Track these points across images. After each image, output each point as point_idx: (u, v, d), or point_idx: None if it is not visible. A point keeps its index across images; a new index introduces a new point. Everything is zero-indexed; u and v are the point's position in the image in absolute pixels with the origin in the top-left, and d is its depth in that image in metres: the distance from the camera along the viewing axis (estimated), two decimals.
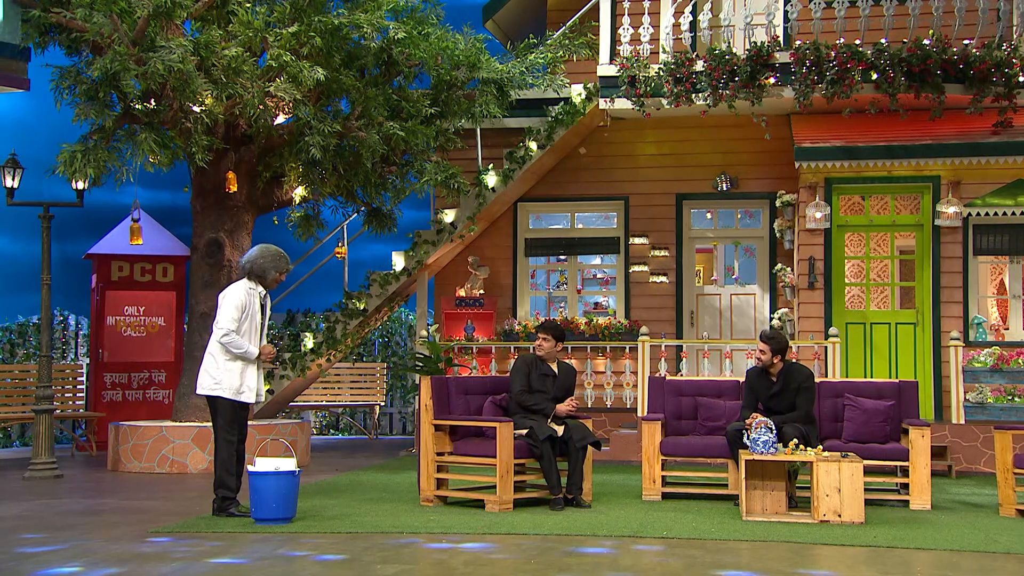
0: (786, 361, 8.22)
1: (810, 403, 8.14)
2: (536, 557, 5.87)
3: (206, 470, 10.33)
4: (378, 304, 13.21)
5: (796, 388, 8.10)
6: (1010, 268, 12.03)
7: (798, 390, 8.10)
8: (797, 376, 8.17)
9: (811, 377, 8.23)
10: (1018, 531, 6.92)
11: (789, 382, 8.13)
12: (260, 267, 7.46)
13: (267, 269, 7.47)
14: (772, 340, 8.17)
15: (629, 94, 12.20)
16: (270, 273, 7.48)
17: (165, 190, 15.61)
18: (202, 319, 10.96)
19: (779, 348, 8.15)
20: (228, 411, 7.36)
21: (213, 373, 7.34)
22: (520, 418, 7.94)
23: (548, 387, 8.17)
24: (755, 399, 8.21)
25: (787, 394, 8.12)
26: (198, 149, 9.83)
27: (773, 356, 8.12)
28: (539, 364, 8.24)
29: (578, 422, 8.08)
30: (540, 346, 8.25)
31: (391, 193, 11.65)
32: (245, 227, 11.18)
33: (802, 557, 6.01)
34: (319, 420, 16.97)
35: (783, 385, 8.13)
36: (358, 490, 8.93)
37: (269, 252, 7.51)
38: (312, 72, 9.85)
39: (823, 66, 11.54)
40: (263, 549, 6.08)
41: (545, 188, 13.85)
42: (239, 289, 7.44)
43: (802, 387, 8.11)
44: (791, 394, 8.10)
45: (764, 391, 8.19)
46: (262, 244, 7.64)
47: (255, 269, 7.47)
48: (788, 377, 8.15)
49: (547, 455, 7.75)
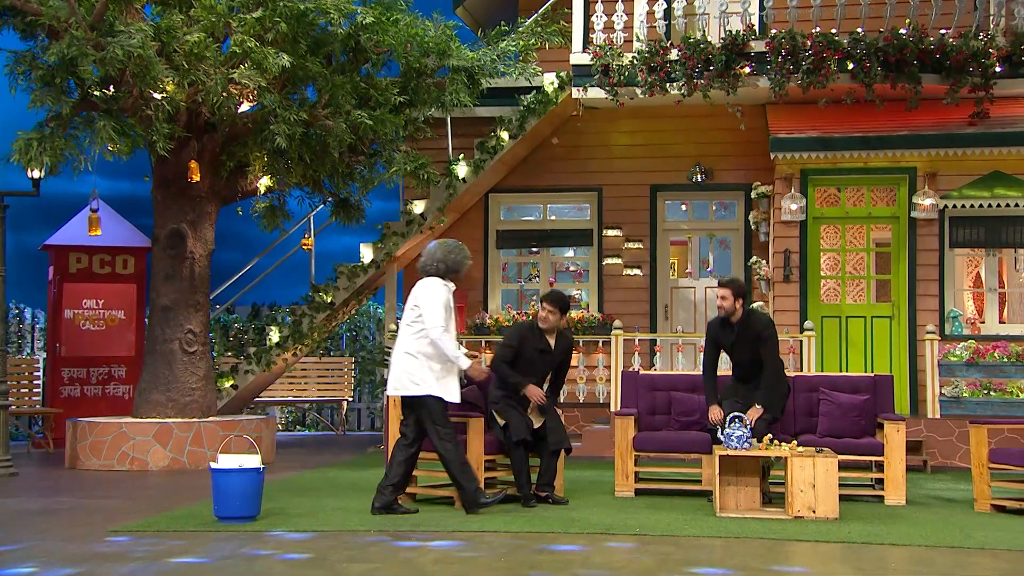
0: (747, 309, 8.15)
1: (775, 355, 7.99)
2: (507, 555, 5.87)
3: (167, 468, 10.26)
4: (346, 297, 13.17)
5: (756, 337, 7.96)
6: (986, 261, 12.16)
7: (758, 340, 7.95)
8: (756, 324, 8.02)
9: (771, 325, 8.10)
10: (993, 527, 7.00)
11: (747, 330, 7.99)
12: (456, 262, 7.30)
13: (461, 263, 7.33)
14: (732, 283, 8.03)
15: (602, 83, 12.22)
16: (465, 266, 7.36)
17: (125, 179, 15.49)
18: (163, 312, 10.87)
19: (740, 291, 8.00)
20: (437, 408, 7.20)
21: (416, 372, 7.15)
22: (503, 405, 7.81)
23: (538, 364, 7.92)
24: (716, 352, 8.14)
25: (746, 342, 7.98)
26: (159, 137, 9.74)
27: (735, 301, 7.97)
28: (537, 336, 7.89)
29: (556, 420, 7.97)
30: (545, 319, 7.89)
31: (359, 183, 11.59)
32: (208, 218, 11.09)
33: (776, 554, 6.05)
34: (285, 416, 16.90)
35: (741, 332, 8.00)
36: (325, 487, 8.89)
37: (455, 246, 7.37)
38: (277, 59, 9.78)
39: (799, 55, 11.60)
40: (226, 548, 6.04)
41: (517, 179, 13.84)
42: (442, 288, 7.21)
43: (763, 337, 7.95)
44: (750, 343, 7.96)
45: (725, 341, 8.09)
46: (438, 241, 7.46)
47: (452, 265, 7.28)
48: (747, 325, 8.00)
49: (518, 457, 7.73)
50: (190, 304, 10.92)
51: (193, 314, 10.94)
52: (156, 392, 10.76)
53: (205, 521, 6.92)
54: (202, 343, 11.00)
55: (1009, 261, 12.64)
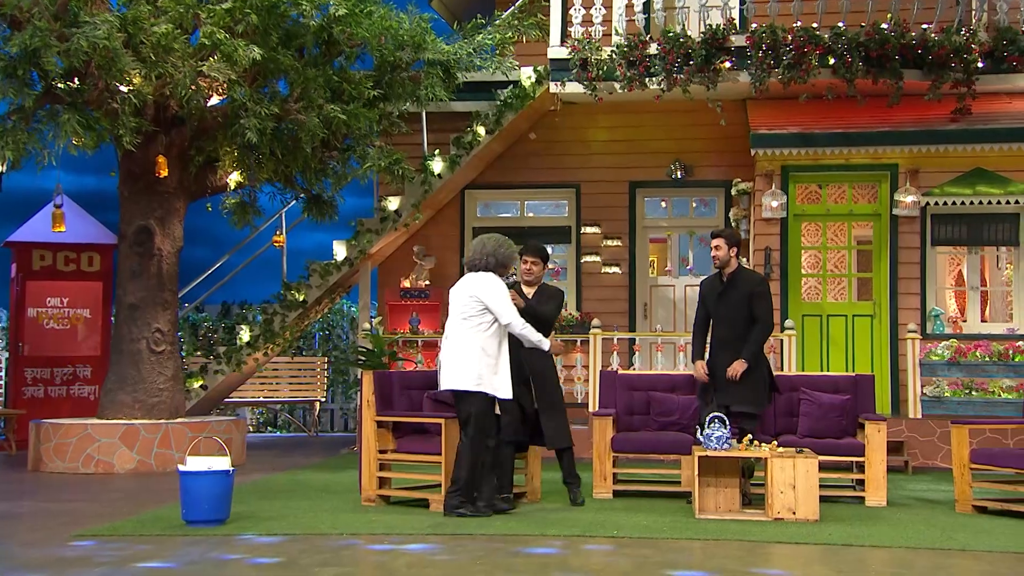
0: (741, 265, 8.12)
1: (768, 315, 7.96)
2: (482, 558, 5.87)
3: (134, 470, 10.20)
4: (318, 295, 13.13)
5: (747, 294, 7.93)
6: (968, 259, 12.26)
7: (750, 297, 7.93)
8: (749, 280, 8.01)
9: (764, 283, 8.08)
10: (974, 528, 7.06)
11: (738, 284, 7.97)
12: (505, 256, 7.45)
13: (511, 257, 7.48)
14: (724, 232, 8.03)
15: (581, 77, 12.23)
16: (514, 261, 7.53)
17: (90, 174, 15.43)
18: (130, 311, 10.80)
19: (733, 240, 7.99)
20: (485, 407, 7.28)
21: (476, 368, 7.20)
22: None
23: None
24: (706, 313, 8.15)
25: (733, 297, 7.96)
26: (125, 131, 9.67)
27: (729, 250, 7.95)
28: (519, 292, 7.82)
29: (555, 419, 7.91)
30: (529, 271, 8.00)
31: (332, 179, 11.55)
32: (176, 214, 11.03)
33: (755, 556, 6.08)
34: (256, 417, 16.83)
35: (730, 285, 7.98)
36: (296, 490, 8.86)
37: (504, 240, 7.50)
38: (248, 51, 9.73)
39: (779, 50, 11.66)
40: (194, 552, 6.01)
41: (493, 175, 13.84)
42: (500, 281, 7.37)
43: (755, 293, 7.93)
44: (738, 299, 7.94)
45: (711, 295, 8.08)
46: (484, 236, 7.57)
47: (501, 259, 7.43)
48: (737, 280, 7.99)
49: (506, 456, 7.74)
50: (158, 302, 10.86)
51: (161, 313, 10.88)
52: (122, 393, 10.69)
53: (173, 525, 6.89)
54: (170, 342, 10.93)
55: (991, 259, 12.74)
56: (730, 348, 8.01)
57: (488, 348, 7.26)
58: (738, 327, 7.99)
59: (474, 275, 7.44)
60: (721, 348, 8.08)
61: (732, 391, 7.93)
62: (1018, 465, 7.68)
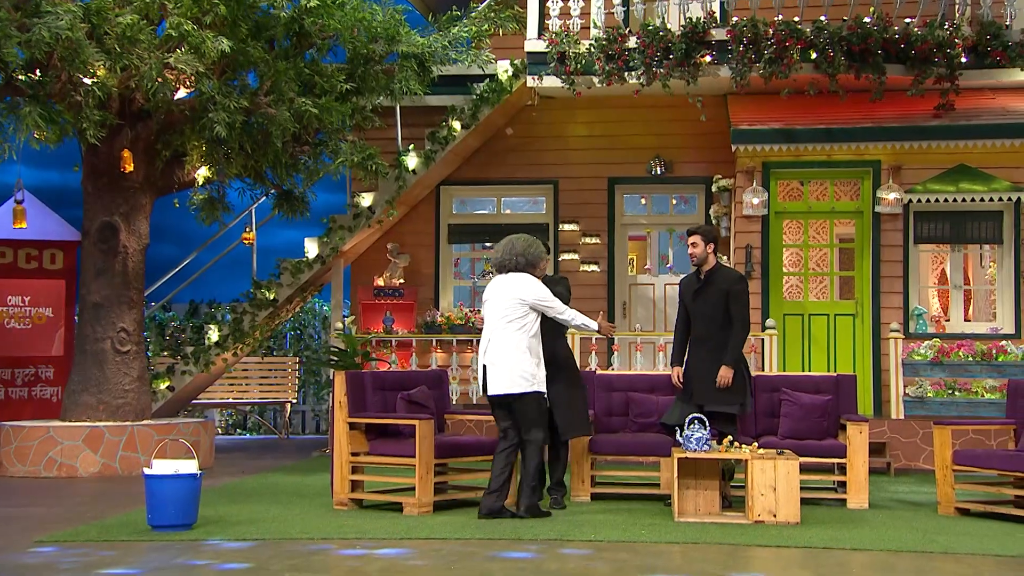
0: (720, 262, 8.18)
1: (744, 314, 7.99)
2: (456, 563, 5.87)
3: (98, 474, 10.14)
4: (289, 294, 13.08)
5: (724, 292, 7.97)
6: (951, 257, 12.36)
7: (727, 295, 7.96)
8: (727, 277, 8.05)
9: (743, 280, 8.11)
10: (956, 530, 7.12)
11: (715, 281, 8.01)
12: (535, 256, 7.60)
13: (540, 256, 7.63)
14: (701, 229, 8.09)
15: (558, 71, 12.24)
16: (543, 260, 7.67)
17: (53, 169, 15.27)
18: (94, 310, 10.73)
19: (709, 237, 8.04)
20: (539, 406, 7.43)
21: (528, 369, 7.35)
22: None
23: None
24: (686, 313, 8.22)
25: (711, 294, 8.01)
26: (89, 125, 9.61)
27: (706, 247, 8.00)
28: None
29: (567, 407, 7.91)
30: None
31: (303, 175, 11.51)
32: (142, 210, 10.97)
33: (735, 559, 6.11)
34: (225, 419, 16.77)
35: (708, 281, 8.03)
36: (266, 494, 8.84)
37: (533, 240, 7.65)
38: (216, 43, 9.68)
39: (761, 44, 11.71)
40: (160, 558, 5.98)
41: (469, 171, 13.83)
42: (537, 280, 7.54)
43: (732, 292, 7.96)
44: (715, 296, 7.98)
45: (690, 296, 8.14)
46: (512, 236, 7.70)
47: (531, 259, 7.57)
48: (715, 277, 8.03)
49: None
50: (123, 301, 10.80)
51: (126, 312, 10.82)
52: (86, 394, 10.63)
53: (138, 530, 6.85)
54: (136, 342, 10.88)
55: (975, 257, 12.85)
56: (706, 346, 8.05)
57: (533, 348, 7.45)
58: (714, 325, 8.03)
59: (508, 277, 7.59)
60: (698, 346, 8.13)
61: (708, 391, 7.97)
62: (1001, 466, 7.74)
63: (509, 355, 7.38)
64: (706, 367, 7.98)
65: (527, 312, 7.45)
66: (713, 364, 7.95)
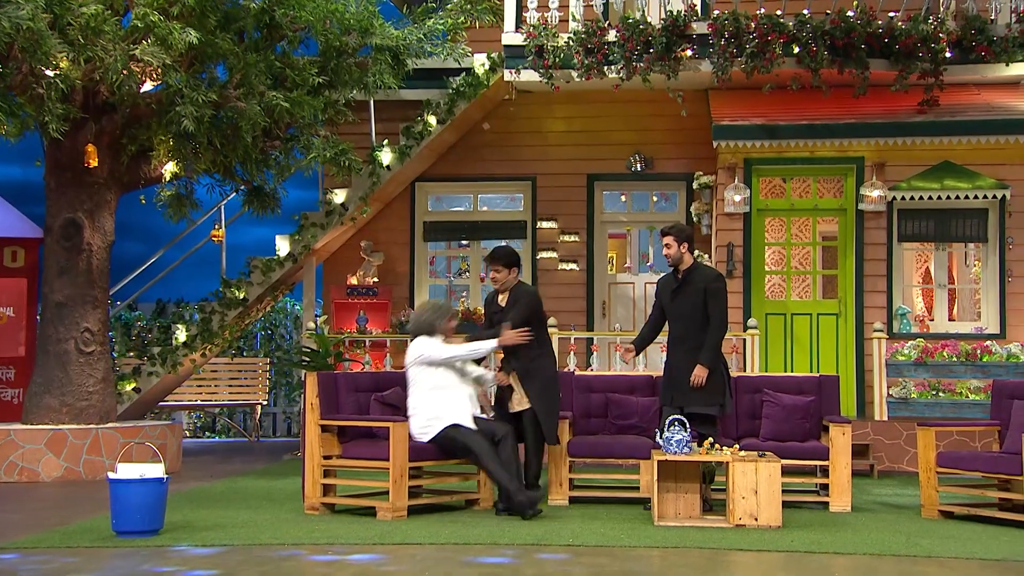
0: (697, 261, 8.25)
1: (722, 313, 8.02)
2: (431, 568, 5.87)
3: (61, 478, 10.08)
4: (260, 293, 13.03)
5: (701, 290, 8.01)
6: (936, 256, 12.44)
7: (704, 293, 8.00)
8: (704, 275, 8.10)
9: (720, 279, 8.17)
10: (940, 534, 7.17)
11: (692, 280, 8.05)
12: (427, 323, 8.08)
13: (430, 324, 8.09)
14: (673, 229, 8.13)
15: (536, 65, 12.26)
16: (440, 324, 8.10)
17: (14, 164, 15.19)
18: (57, 309, 10.65)
19: (683, 236, 8.08)
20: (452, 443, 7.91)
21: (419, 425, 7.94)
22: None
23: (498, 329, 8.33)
24: (660, 313, 8.29)
25: (688, 293, 8.05)
26: (52, 118, 9.54)
27: (679, 246, 8.06)
28: (493, 301, 8.45)
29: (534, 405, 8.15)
30: (493, 279, 8.44)
31: (274, 170, 11.47)
32: (107, 206, 10.89)
33: (716, 564, 6.13)
34: (193, 422, 16.68)
35: (685, 280, 8.07)
36: (235, 498, 8.80)
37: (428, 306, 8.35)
38: (183, 34, 9.63)
39: (743, 38, 11.76)
40: (124, 565, 5.95)
41: (445, 167, 13.82)
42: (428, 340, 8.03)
43: (709, 290, 8.01)
44: (693, 294, 8.02)
45: (667, 296, 8.19)
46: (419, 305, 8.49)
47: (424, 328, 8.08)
48: (692, 276, 8.07)
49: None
50: (87, 300, 10.73)
51: (90, 311, 10.75)
52: (49, 396, 10.55)
53: (102, 536, 6.81)
54: (100, 343, 10.81)
55: (959, 256, 12.95)
56: (684, 346, 8.09)
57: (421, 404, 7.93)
58: (693, 325, 8.06)
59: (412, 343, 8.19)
60: (676, 347, 8.16)
61: (687, 393, 8.00)
62: (986, 468, 7.80)
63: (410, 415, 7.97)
64: (685, 368, 8.01)
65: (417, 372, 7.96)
66: (692, 365, 7.98)
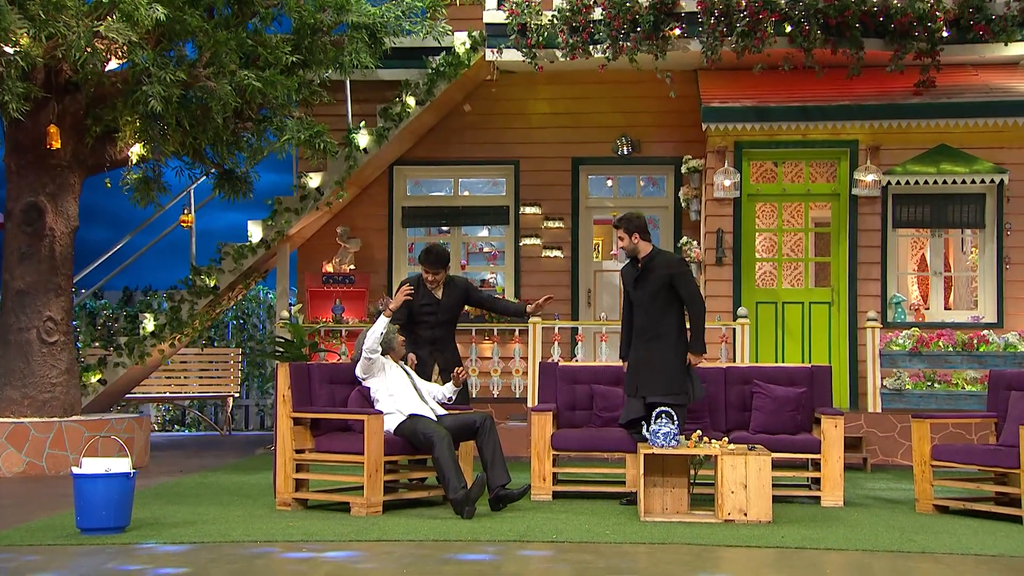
0: (656, 248, 8.31)
1: (695, 294, 8.12)
2: (409, 566, 5.87)
3: (23, 473, 10.05)
4: (232, 281, 13.00)
5: (664, 277, 8.07)
6: (932, 242, 12.50)
7: (671, 279, 8.07)
8: (665, 262, 8.17)
9: (683, 263, 8.34)
10: (934, 529, 7.21)
11: (653, 268, 8.12)
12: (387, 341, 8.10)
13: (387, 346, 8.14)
14: (622, 220, 8.20)
15: (519, 44, 12.24)
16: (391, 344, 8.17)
17: None
18: (18, 297, 10.60)
19: (632, 226, 8.14)
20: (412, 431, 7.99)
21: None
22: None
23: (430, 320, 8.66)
24: (629, 302, 8.37)
25: (648, 281, 8.11)
26: (12, 98, 9.48)
27: (631, 237, 8.12)
28: (424, 291, 8.66)
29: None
30: (430, 281, 8.68)
31: (246, 153, 11.43)
32: (71, 190, 10.84)
33: (704, 560, 6.15)
34: (161, 414, 16.64)
35: (645, 269, 8.14)
36: (205, 494, 8.79)
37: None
38: (150, 10, 9.57)
39: (733, 16, 11.76)
40: (90, 563, 5.93)
41: (425, 150, 13.79)
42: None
43: (675, 275, 8.09)
44: (654, 282, 8.08)
45: (629, 284, 8.28)
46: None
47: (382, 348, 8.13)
48: (653, 263, 8.14)
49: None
50: (50, 288, 10.67)
51: (53, 299, 10.69)
52: (10, 388, 10.51)
53: (66, 533, 6.80)
54: (64, 332, 10.76)
55: (956, 242, 13.01)
56: (646, 336, 8.16)
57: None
58: (654, 314, 8.13)
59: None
60: (638, 337, 8.23)
61: (650, 383, 8.07)
62: (982, 462, 7.85)
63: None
64: (647, 357, 8.06)
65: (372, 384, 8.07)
66: (654, 354, 8.07)
